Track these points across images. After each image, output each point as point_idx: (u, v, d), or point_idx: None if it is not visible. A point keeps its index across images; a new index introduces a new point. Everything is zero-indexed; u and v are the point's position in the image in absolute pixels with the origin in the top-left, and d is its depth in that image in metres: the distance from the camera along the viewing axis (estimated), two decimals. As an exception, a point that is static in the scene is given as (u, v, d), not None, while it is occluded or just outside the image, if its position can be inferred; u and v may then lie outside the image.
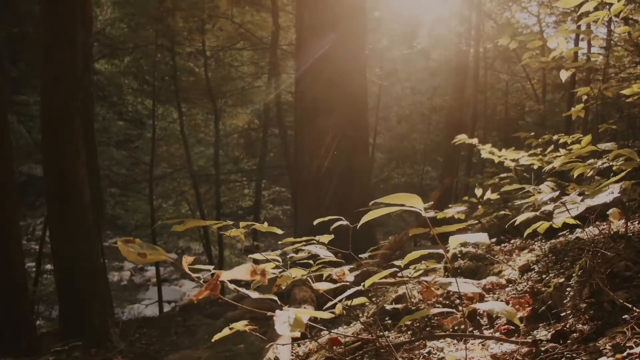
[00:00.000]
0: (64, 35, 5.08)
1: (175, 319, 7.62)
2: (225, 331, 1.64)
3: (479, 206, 5.73)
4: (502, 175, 5.94)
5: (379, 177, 18.17)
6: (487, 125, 16.26)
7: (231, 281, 1.46)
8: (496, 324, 3.05)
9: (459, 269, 4.68)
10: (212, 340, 1.69)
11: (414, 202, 1.41)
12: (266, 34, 14.17)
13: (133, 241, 1.46)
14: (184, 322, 7.23)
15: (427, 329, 3.19)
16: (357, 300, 2.76)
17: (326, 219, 2.07)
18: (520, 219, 2.51)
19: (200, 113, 16.38)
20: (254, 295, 1.50)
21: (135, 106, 16.78)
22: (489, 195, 5.22)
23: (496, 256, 4.88)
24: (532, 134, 5.22)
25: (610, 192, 1.90)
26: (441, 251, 1.52)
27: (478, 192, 5.35)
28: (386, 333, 3.33)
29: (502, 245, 5.25)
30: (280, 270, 2.21)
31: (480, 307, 1.42)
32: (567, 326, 2.44)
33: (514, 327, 2.89)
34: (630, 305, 2.06)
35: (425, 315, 1.60)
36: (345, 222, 1.91)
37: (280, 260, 2.42)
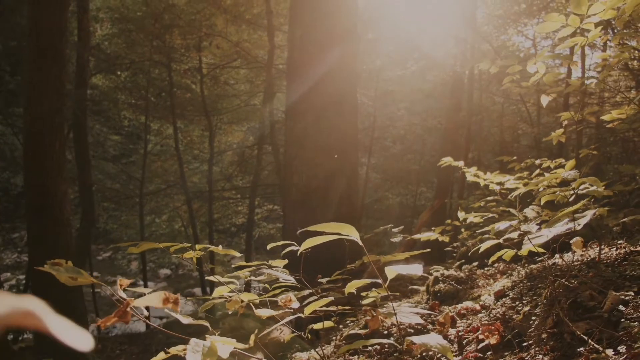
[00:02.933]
0: (50, 51, 5.08)
1: (158, 336, 7.54)
2: (161, 355, 1.61)
3: (462, 229, 5.71)
4: (488, 198, 5.91)
5: (373, 197, 18.11)
6: (482, 147, 16.26)
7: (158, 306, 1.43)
8: (465, 351, 3.01)
9: (439, 293, 4.65)
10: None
11: (348, 231, 1.39)
12: (263, 53, 14.26)
13: (60, 264, 1.44)
14: (167, 340, 7.15)
15: (395, 354, 3.14)
16: (325, 324, 2.73)
17: (279, 243, 2.04)
18: (484, 246, 2.48)
19: (196, 129, 16.42)
20: (185, 320, 1.48)
21: (132, 121, 16.83)
22: (472, 218, 5.19)
23: (477, 280, 4.85)
24: (515, 157, 5.20)
25: (566, 222, 1.87)
26: (379, 281, 1.49)
27: (461, 215, 5.31)
28: (355, 357, 3.29)
29: (485, 268, 5.22)
30: (234, 293, 2.18)
31: (415, 340, 1.39)
32: (528, 357, 2.40)
33: (481, 355, 2.85)
34: (586, 338, 2.02)
35: (361, 345, 1.57)
36: (296, 247, 1.88)
37: (236, 283, 2.39)
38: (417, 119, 17.47)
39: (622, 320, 2.10)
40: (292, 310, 1.70)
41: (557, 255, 3.82)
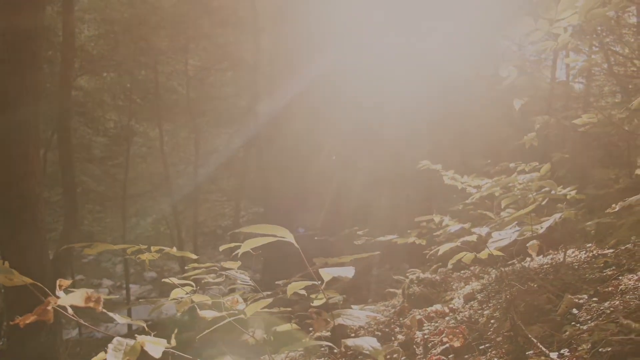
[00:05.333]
0: (24, 52, 5.04)
1: (137, 339, 7.50)
2: (101, 355, 1.60)
3: (439, 231, 5.72)
4: (466, 201, 5.93)
5: (361, 200, 18.05)
6: (469, 151, 16.28)
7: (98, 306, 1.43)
8: (430, 354, 3.03)
9: (412, 296, 4.65)
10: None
11: (283, 234, 1.39)
12: (249, 56, 14.22)
13: (-6, 265, 1.44)
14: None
15: (360, 357, 3.15)
16: (282, 328, 2.72)
17: (232, 245, 2.04)
18: (443, 249, 2.49)
19: (183, 131, 16.35)
20: (122, 320, 1.48)
21: (117, 123, 16.73)
22: (447, 221, 5.20)
23: (452, 283, 4.87)
24: (489, 161, 5.24)
25: (514, 226, 1.88)
26: (318, 283, 1.50)
27: (436, 218, 5.33)
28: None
29: (461, 272, 5.24)
30: (187, 294, 2.17)
31: (349, 342, 1.40)
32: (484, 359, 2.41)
33: (445, 358, 2.87)
34: (535, 341, 2.04)
35: (304, 345, 1.57)
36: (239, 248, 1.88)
37: (193, 284, 2.38)
38: (406, 121, 17.44)
39: (573, 323, 2.12)
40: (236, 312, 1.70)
41: (528, 259, 3.85)
